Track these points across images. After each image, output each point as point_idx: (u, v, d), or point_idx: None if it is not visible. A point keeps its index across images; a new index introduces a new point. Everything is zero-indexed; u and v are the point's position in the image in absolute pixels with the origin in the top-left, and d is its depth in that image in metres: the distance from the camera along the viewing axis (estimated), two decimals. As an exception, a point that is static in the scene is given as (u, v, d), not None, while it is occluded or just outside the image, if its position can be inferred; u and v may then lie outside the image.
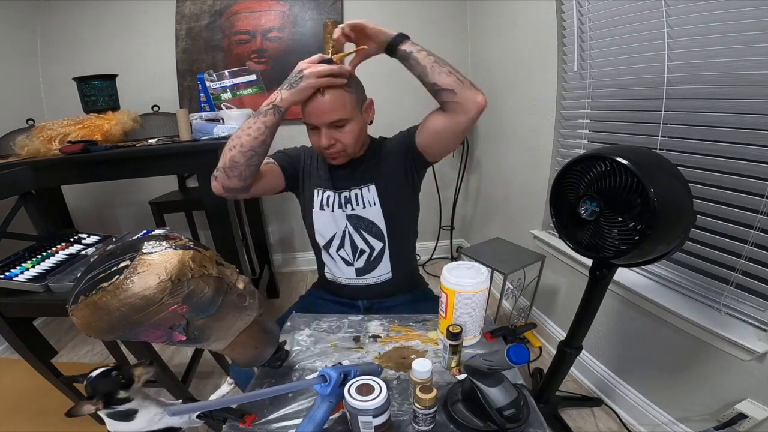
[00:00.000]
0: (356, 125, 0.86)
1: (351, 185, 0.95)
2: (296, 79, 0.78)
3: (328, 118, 0.82)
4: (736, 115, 0.92)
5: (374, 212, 0.94)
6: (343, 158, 0.90)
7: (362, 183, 0.95)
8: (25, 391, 1.46)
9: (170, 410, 0.44)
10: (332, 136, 0.84)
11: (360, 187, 0.94)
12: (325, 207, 0.96)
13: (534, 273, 1.59)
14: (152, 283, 0.44)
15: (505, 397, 0.56)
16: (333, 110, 0.81)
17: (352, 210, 0.95)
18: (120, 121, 1.44)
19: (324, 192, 0.97)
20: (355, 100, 0.84)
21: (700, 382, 1.02)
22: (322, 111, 0.81)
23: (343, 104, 0.82)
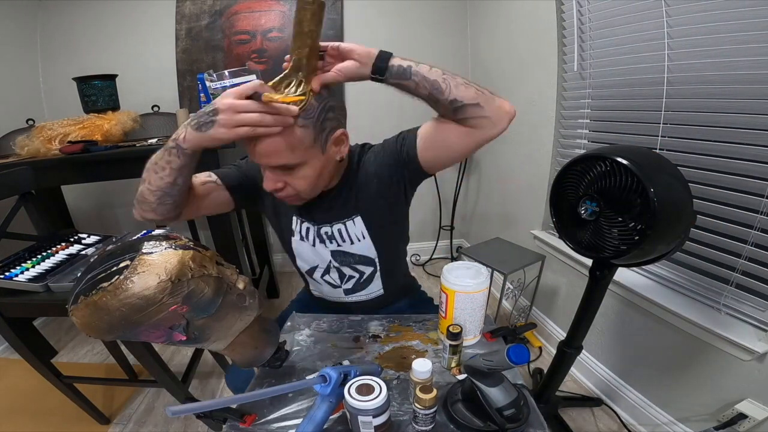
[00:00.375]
0: (312, 169, 0.67)
1: (331, 219, 0.80)
2: (207, 118, 0.56)
3: (268, 161, 0.64)
4: (736, 115, 0.92)
5: (364, 246, 0.81)
6: (300, 201, 0.74)
7: (345, 216, 0.79)
8: (25, 391, 1.46)
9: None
10: (279, 179, 0.67)
11: (343, 221, 0.79)
12: (305, 239, 0.83)
13: (534, 273, 1.59)
14: (152, 283, 0.44)
15: (505, 397, 0.56)
16: (274, 154, 0.62)
17: (338, 246, 0.82)
18: (120, 121, 1.44)
19: (303, 223, 0.82)
20: (311, 137, 0.63)
21: (700, 382, 1.02)
22: (259, 154, 0.63)
23: (289, 146, 0.62)
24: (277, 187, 0.67)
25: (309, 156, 0.65)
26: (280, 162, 0.64)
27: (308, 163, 0.66)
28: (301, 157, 0.64)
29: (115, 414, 1.35)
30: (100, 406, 1.33)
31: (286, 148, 0.62)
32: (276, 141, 0.60)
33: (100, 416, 1.30)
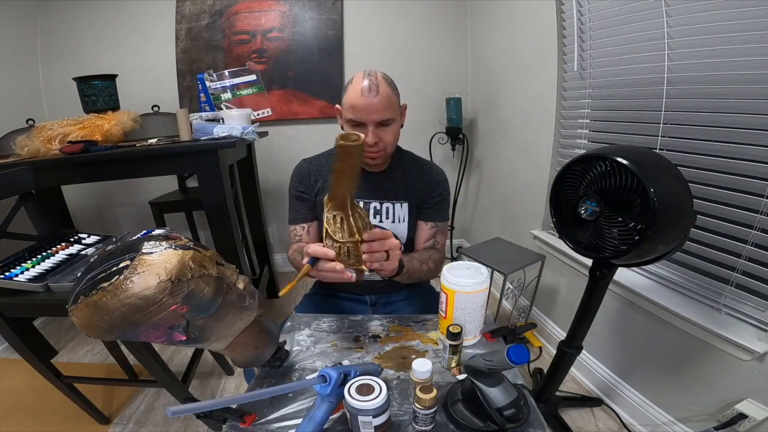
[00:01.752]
0: (397, 125, 0.89)
1: (382, 197, 0.96)
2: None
3: (379, 116, 0.83)
4: (736, 115, 0.92)
5: (401, 228, 0.98)
6: (381, 159, 0.92)
7: (395, 199, 0.97)
8: (25, 391, 1.46)
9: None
10: (378, 134, 0.86)
11: (393, 202, 0.97)
12: None
13: (534, 273, 1.59)
14: (152, 283, 0.44)
15: (505, 397, 0.56)
16: (385, 109, 0.83)
17: (380, 221, 0.97)
18: (120, 121, 1.44)
19: None
20: (397, 100, 0.88)
21: (700, 382, 1.02)
22: (374, 109, 0.82)
23: (392, 104, 0.84)
24: (376, 140, 0.86)
25: (396, 114, 0.87)
26: (386, 116, 0.84)
27: (395, 121, 0.88)
28: (394, 114, 0.86)
29: (115, 414, 1.35)
30: (100, 406, 1.33)
31: (391, 104, 0.84)
32: (387, 96, 0.83)
33: (100, 416, 1.30)
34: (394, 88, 0.86)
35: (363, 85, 0.82)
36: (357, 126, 0.86)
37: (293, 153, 2.31)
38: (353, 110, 0.84)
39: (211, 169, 1.28)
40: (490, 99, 2.08)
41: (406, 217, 0.97)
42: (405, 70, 2.25)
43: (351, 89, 0.84)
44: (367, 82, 0.82)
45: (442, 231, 1.02)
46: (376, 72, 0.85)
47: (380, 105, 0.82)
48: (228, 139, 1.26)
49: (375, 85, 0.82)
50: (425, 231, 1.00)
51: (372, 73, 0.84)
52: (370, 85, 0.82)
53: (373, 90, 0.81)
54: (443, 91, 2.23)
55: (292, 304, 2.08)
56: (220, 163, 1.28)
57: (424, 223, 1.00)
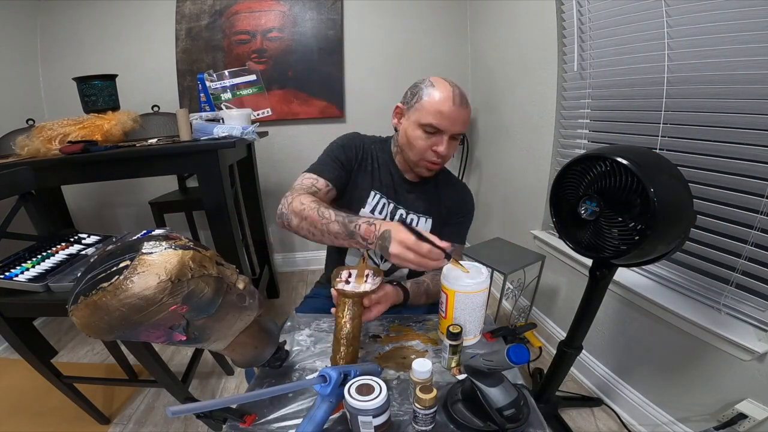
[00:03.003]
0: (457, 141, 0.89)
1: (409, 208, 0.95)
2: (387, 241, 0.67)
3: (460, 128, 0.84)
4: (736, 115, 0.92)
5: None
6: (436, 170, 0.91)
7: (422, 212, 0.96)
8: (25, 391, 1.46)
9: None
10: (450, 146, 0.86)
11: (418, 215, 0.95)
12: (376, 213, 0.93)
13: (534, 273, 1.59)
14: (152, 283, 0.44)
15: (505, 397, 0.56)
16: (465, 122, 0.84)
17: None
18: (120, 121, 1.44)
19: (381, 198, 0.94)
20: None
21: (700, 382, 1.02)
22: (461, 119, 0.82)
23: (468, 118, 0.85)
24: (449, 152, 0.86)
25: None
26: (464, 130, 0.86)
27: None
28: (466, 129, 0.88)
29: (115, 414, 1.35)
30: (100, 406, 1.33)
31: (468, 121, 0.86)
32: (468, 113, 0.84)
33: (100, 416, 1.30)
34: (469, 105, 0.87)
35: (455, 93, 0.80)
36: (432, 134, 0.83)
37: (293, 153, 2.31)
38: (439, 116, 0.81)
39: (211, 169, 1.28)
40: (490, 99, 2.08)
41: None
42: (405, 70, 2.25)
43: (438, 93, 0.81)
44: (458, 90, 0.81)
45: (456, 253, 0.98)
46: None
47: (465, 117, 0.83)
48: (228, 139, 1.26)
49: (465, 96, 0.82)
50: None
51: (456, 84, 0.83)
52: (461, 94, 0.81)
53: (464, 101, 0.81)
54: (443, 91, 2.22)
55: (292, 304, 2.08)
56: (220, 163, 1.28)
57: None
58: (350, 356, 0.67)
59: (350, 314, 0.67)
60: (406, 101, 0.88)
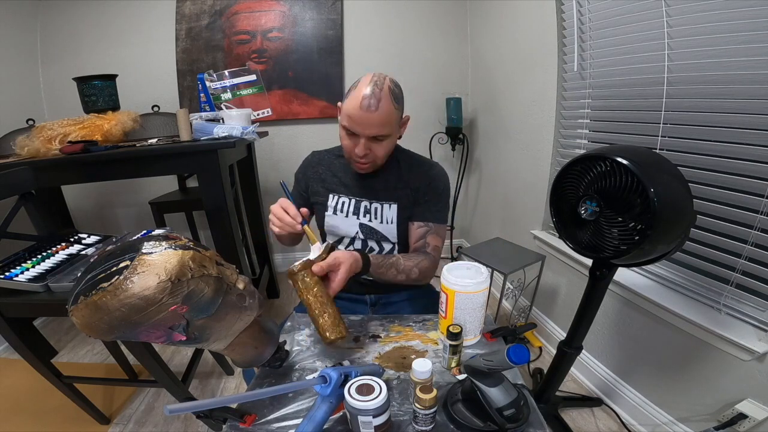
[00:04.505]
0: (391, 141, 0.88)
1: (372, 197, 0.96)
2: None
3: (374, 132, 0.82)
4: (736, 115, 0.92)
5: (389, 229, 0.96)
6: (371, 168, 0.92)
7: (384, 199, 0.96)
8: (25, 391, 1.46)
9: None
10: (369, 147, 0.85)
11: (381, 202, 0.96)
12: (338, 212, 0.98)
13: (534, 273, 1.59)
14: (152, 283, 0.44)
15: (505, 397, 0.56)
16: (381, 125, 0.81)
17: (369, 221, 0.96)
18: (120, 121, 1.44)
19: (339, 197, 0.98)
20: (398, 118, 0.85)
21: (700, 382, 1.02)
22: (370, 124, 0.80)
23: (390, 120, 0.82)
24: (366, 152, 0.85)
25: (393, 131, 0.86)
26: (381, 132, 0.83)
27: (391, 136, 0.86)
28: (390, 131, 0.84)
29: (115, 414, 1.35)
30: (100, 406, 1.33)
31: (389, 122, 0.82)
32: (387, 113, 0.80)
33: (100, 416, 1.30)
34: (398, 101, 0.83)
35: (364, 94, 0.78)
36: (350, 135, 0.85)
37: (293, 153, 2.31)
38: (349, 120, 0.82)
39: (211, 169, 1.28)
40: (490, 99, 2.08)
41: (395, 218, 0.95)
42: (405, 70, 2.25)
43: (352, 96, 0.81)
44: (369, 92, 0.78)
45: (434, 232, 0.96)
46: (385, 80, 0.81)
47: (377, 121, 0.80)
48: (228, 139, 1.26)
49: (377, 99, 0.78)
50: (414, 231, 0.96)
51: (379, 82, 0.80)
52: (371, 97, 0.78)
53: (372, 105, 0.78)
54: (443, 91, 2.23)
55: (292, 304, 2.08)
56: (220, 163, 1.28)
57: (411, 224, 0.97)
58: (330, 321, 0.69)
59: (305, 287, 0.70)
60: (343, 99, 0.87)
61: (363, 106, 0.78)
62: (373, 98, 0.78)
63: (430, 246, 0.96)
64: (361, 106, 0.78)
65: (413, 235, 0.97)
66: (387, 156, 0.91)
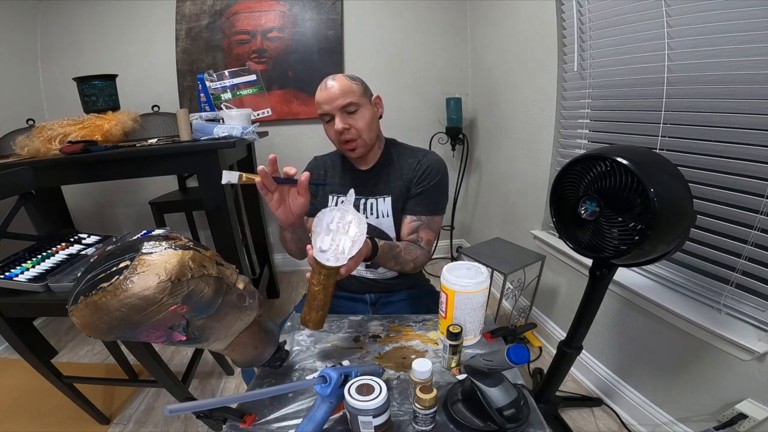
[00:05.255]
0: (368, 112, 0.92)
1: (367, 194, 0.98)
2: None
3: (339, 102, 0.88)
4: (736, 115, 0.91)
5: (386, 223, 0.98)
6: (361, 148, 0.94)
7: (378, 194, 0.98)
8: (25, 391, 1.46)
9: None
10: (346, 121, 0.90)
11: (376, 197, 0.98)
12: None
13: (534, 273, 1.59)
14: (152, 283, 0.44)
15: (505, 397, 0.56)
16: (343, 95, 0.88)
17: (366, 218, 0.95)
18: (120, 121, 1.44)
19: (338, 197, 1.00)
20: (361, 91, 0.91)
21: (700, 382, 1.02)
22: (332, 97, 0.88)
23: (350, 90, 0.89)
24: (345, 126, 0.90)
25: (362, 102, 0.91)
26: (347, 101, 0.88)
27: (363, 107, 0.91)
28: (356, 99, 0.90)
29: (115, 414, 1.35)
30: (100, 406, 1.33)
31: (349, 90, 0.89)
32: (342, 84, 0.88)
33: (100, 416, 1.30)
34: (355, 80, 0.91)
35: (324, 81, 0.91)
36: (330, 122, 0.91)
37: (293, 153, 2.31)
38: (319, 105, 0.91)
39: (211, 169, 1.28)
40: (490, 99, 2.08)
41: (390, 211, 0.97)
42: (405, 70, 2.25)
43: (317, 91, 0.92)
44: (327, 78, 0.91)
45: (427, 226, 0.96)
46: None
47: (337, 92, 0.88)
48: (228, 139, 1.26)
49: (332, 79, 0.90)
50: (406, 225, 0.96)
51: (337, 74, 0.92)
52: (326, 79, 0.90)
53: (329, 84, 0.89)
54: (443, 91, 2.23)
55: (292, 304, 2.08)
56: (220, 163, 1.28)
57: (404, 217, 0.97)
58: (318, 321, 0.70)
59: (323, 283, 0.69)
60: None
61: (321, 86, 0.90)
62: (329, 80, 0.90)
63: (423, 240, 0.96)
64: (321, 89, 0.90)
65: (405, 228, 0.97)
66: (372, 131, 0.94)
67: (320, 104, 0.91)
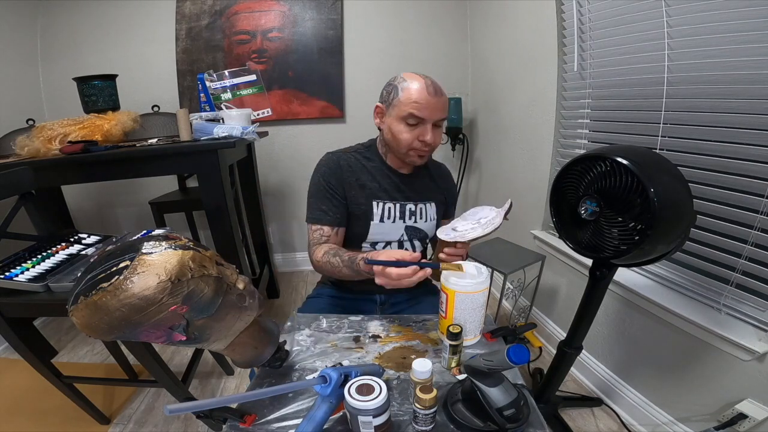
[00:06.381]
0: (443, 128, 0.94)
1: (415, 199, 1.00)
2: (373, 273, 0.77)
3: (439, 115, 0.88)
4: (736, 115, 0.91)
5: (430, 226, 1.02)
6: (427, 158, 0.96)
7: (425, 199, 1.02)
8: (25, 391, 1.46)
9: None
10: (435, 133, 0.89)
11: (424, 202, 1.02)
12: (385, 219, 0.98)
13: (534, 273, 1.59)
14: (152, 283, 0.44)
15: (505, 397, 0.56)
16: (444, 109, 0.88)
17: (414, 222, 1.00)
18: (120, 121, 1.44)
19: (384, 204, 0.98)
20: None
21: (700, 382, 1.02)
22: (438, 107, 0.86)
23: (447, 105, 0.90)
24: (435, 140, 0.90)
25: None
26: (444, 116, 0.89)
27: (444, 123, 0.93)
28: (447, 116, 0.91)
29: (115, 414, 1.35)
30: (100, 406, 1.32)
31: (446, 107, 0.90)
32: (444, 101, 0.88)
33: (100, 416, 1.30)
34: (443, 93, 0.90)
35: (426, 83, 0.85)
36: (415, 125, 0.87)
37: (293, 153, 2.31)
38: (417, 107, 0.85)
39: (211, 169, 1.28)
40: (490, 99, 2.08)
41: (435, 216, 1.03)
42: (405, 70, 2.24)
43: (412, 86, 0.86)
44: (431, 81, 0.86)
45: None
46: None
47: (443, 104, 0.87)
48: (228, 139, 1.26)
49: (438, 86, 0.87)
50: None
51: (427, 76, 0.88)
52: (433, 84, 0.86)
53: (438, 90, 0.86)
54: (443, 91, 2.22)
55: (292, 304, 2.08)
56: (220, 163, 1.28)
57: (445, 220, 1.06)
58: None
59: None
60: (383, 100, 0.92)
61: (430, 92, 0.85)
62: (436, 85, 0.87)
63: None
64: (428, 93, 0.85)
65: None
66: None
67: (418, 106, 0.85)
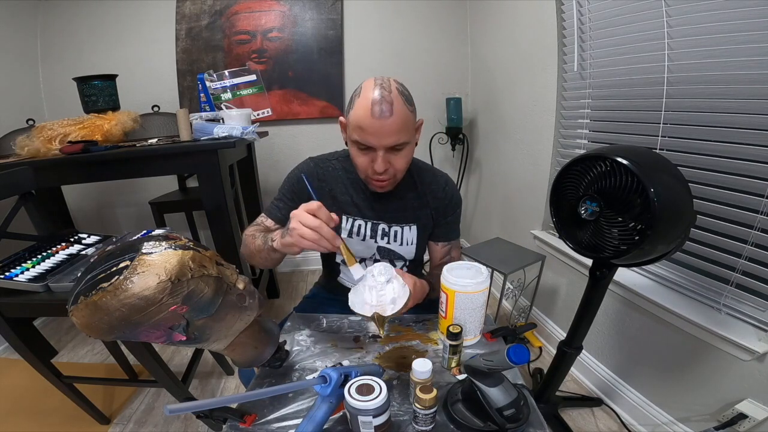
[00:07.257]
0: (409, 150, 0.78)
1: (391, 220, 0.90)
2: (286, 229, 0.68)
3: (392, 140, 0.72)
4: (736, 115, 0.91)
5: (409, 250, 0.93)
6: (390, 185, 0.82)
7: (404, 222, 0.90)
8: (25, 391, 1.46)
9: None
10: (388, 160, 0.75)
11: (401, 225, 0.90)
12: (354, 236, 0.90)
13: (534, 273, 1.59)
14: (152, 283, 0.44)
15: (505, 397, 0.56)
16: (399, 132, 0.71)
17: (387, 243, 0.91)
18: (120, 121, 1.44)
19: (354, 220, 0.90)
20: (413, 120, 0.76)
21: (700, 382, 1.02)
22: (386, 132, 0.70)
23: (407, 125, 0.72)
24: (386, 167, 0.75)
25: (410, 137, 0.76)
26: (399, 140, 0.73)
27: (409, 144, 0.77)
28: (407, 137, 0.74)
29: (115, 414, 1.35)
30: (100, 406, 1.33)
31: (405, 127, 0.72)
32: (402, 118, 0.71)
33: (100, 416, 1.30)
34: (409, 103, 0.73)
35: (374, 99, 0.69)
36: (365, 150, 0.75)
37: (293, 153, 2.31)
38: (361, 132, 0.71)
39: (211, 169, 1.28)
40: (490, 99, 2.08)
41: (415, 239, 0.92)
42: (405, 70, 2.25)
43: (359, 104, 0.71)
44: (379, 97, 0.69)
45: (456, 246, 0.97)
46: (390, 82, 0.72)
47: (393, 127, 0.70)
48: (228, 139, 1.26)
49: (388, 103, 0.69)
50: (438, 251, 0.96)
51: (385, 85, 0.71)
52: (382, 102, 0.68)
53: (386, 110, 0.68)
54: (443, 91, 2.23)
55: (292, 304, 2.08)
56: (220, 163, 1.28)
57: (435, 244, 0.95)
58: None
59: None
60: (346, 112, 0.77)
61: (375, 113, 0.68)
62: (384, 103, 0.69)
63: (454, 259, 0.96)
64: (372, 114, 0.69)
65: (438, 253, 0.97)
66: (406, 169, 0.81)
67: (362, 132, 0.71)
